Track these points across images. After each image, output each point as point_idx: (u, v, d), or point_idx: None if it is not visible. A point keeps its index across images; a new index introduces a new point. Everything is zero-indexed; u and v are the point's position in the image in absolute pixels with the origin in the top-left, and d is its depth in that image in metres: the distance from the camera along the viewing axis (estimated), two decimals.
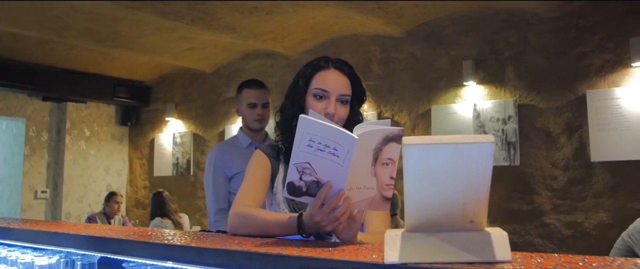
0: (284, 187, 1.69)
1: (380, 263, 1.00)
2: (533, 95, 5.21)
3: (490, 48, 5.48)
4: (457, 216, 1.01)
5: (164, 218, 5.75)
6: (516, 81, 5.32)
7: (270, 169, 1.76)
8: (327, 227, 1.32)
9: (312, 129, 1.20)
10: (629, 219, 4.09)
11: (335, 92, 1.68)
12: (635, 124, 4.64)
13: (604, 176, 4.80)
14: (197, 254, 1.29)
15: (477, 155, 0.92)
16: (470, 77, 5.47)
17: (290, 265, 1.12)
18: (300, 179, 1.26)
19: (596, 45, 4.90)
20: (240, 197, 1.65)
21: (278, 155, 1.78)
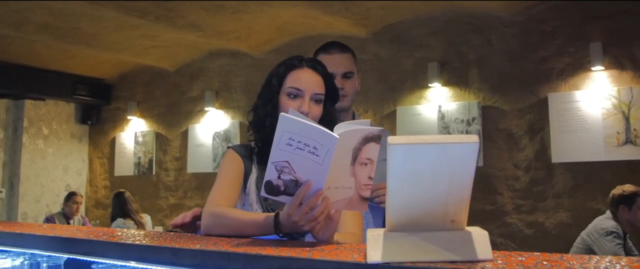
0: (262, 186, 1.68)
1: (362, 263, 0.99)
2: (496, 97, 5.31)
3: (455, 50, 5.55)
4: (438, 216, 1.01)
5: (126, 218, 5.64)
6: (480, 83, 5.40)
7: (243, 168, 1.74)
8: (305, 227, 1.31)
9: (292, 127, 1.19)
10: (588, 219, 4.21)
11: (309, 91, 1.67)
12: (595, 126, 4.77)
13: (564, 176, 4.92)
14: (172, 255, 1.26)
15: (462, 155, 0.93)
16: (435, 78, 5.54)
17: (270, 265, 1.10)
18: (278, 178, 1.25)
19: (557, 50, 5.02)
20: (214, 197, 1.63)
21: (251, 155, 1.76)
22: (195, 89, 7.35)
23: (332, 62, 2.14)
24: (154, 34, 6.10)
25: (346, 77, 2.24)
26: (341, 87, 2.13)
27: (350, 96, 2.26)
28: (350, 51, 2.32)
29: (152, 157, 7.63)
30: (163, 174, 7.54)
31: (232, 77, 7.01)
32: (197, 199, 7.14)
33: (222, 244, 1.27)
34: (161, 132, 7.66)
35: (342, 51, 2.27)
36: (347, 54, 2.29)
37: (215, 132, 7.04)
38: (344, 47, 2.31)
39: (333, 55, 2.23)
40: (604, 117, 4.75)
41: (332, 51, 2.26)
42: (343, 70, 2.22)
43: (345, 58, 2.26)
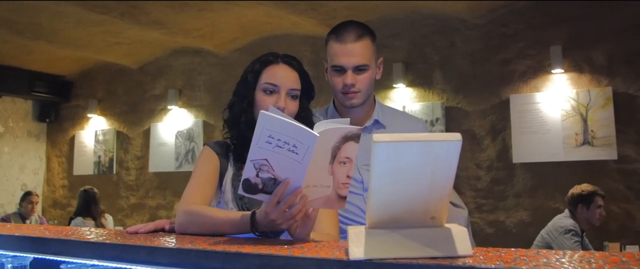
0: (239, 184, 1.66)
1: (344, 260, 0.99)
2: (460, 98, 5.39)
3: (419, 52, 5.62)
4: (419, 213, 1.02)
5: (87, 217, 5.48)
6: (444, 84, 5.48)
7: (219, 166, 1.72)
8: (282, 225, 1.30)
9: (272, 125, 1.18)
10: (547, 217, 4.32)
11: (285, 86, 1.67)
12: (554, 127, 4.90)
13: (524, 176, 5.03)
14: (148, 254, 1.24)
15: (445, 153, 0.94)
16: (399, 79, 5.59)
17: (249, 263, 1.10)
18: (256, 176, 1.23)
19: (519, 52, 5.13)
20: (188, 195, 1.61)
21: (227, 153, 1.74)
22: (158, 87, 7.25)
23: (343, 52, 1.85)
24: (116, 30, 5.98)
25: (359, 71, 1.88)
26: (351, 83, 1.86)
27: (364, 91, 1.91)
28: (368, 35, 1.90)
29: (112, 156, 7.49)
30: (124, 174, 7.41)
31: (196, 76, 6.94)
32: (159, 199, 7.05)
33: (198, 243, 1.25)
34: (122, 131, 7.52)
35: (357, 38, 1.86)
36: (364, 40, 1.88)
37: (178, 131, 6.96)
38: (361, 31, 1.89)
39: (346, 45, 1.85)
40: (563, 118, 4.88)
41: (346, 39, 1.86)
42: (355, 63, 1.86)
43: (360, 46, 1.86)
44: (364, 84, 1.89)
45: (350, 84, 1.87)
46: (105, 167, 7.53)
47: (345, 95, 1.90)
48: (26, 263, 1.57)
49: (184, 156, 6.88)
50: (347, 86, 1.87)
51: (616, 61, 4.78)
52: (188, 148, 6.85)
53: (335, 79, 1.91)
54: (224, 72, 6.64)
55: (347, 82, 1.86)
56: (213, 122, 6.73)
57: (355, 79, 1.87)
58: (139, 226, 1.56)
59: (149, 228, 1.56)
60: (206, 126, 6.79)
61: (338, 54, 1.87)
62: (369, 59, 1.89)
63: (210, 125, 6.77)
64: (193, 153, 6.81)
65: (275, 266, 1.07)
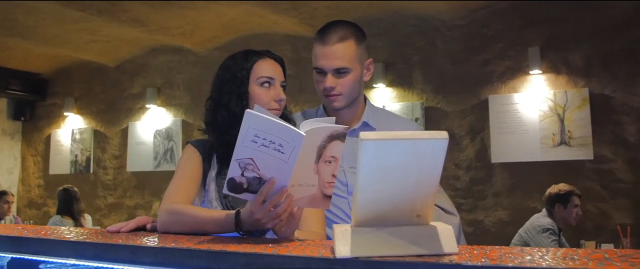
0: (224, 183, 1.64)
1: (330, 258, 0.99)
2: (439, 98, 5.43)
3: (400, 52, 5.65)
4: (405, 211, 1.02)
5: (65, 216, 5.40)
6: (424, 84, 5.52)
7: (202, 165, 1.70)
8: (267, 224, 1.30)
9: (258, 124, 1.17)
10: (525, 217, 4.37)
11: (279, 78, 1.69)
12: (532, 127, 4.96)
13: (503, 176, 5.08)
14: (131, 253, 1.22)
15: (431, 151, 0.94)
16: (379, 79, 5.61)
17: (235, 262, 1.09)
18: (241, 175, 1.23)
19: (498, 53, 5.18)
20: (171, 194, 1.59)
21: (210, 151, 1.72)
22: (136, 85, 7.17)
23: (323, 54, 1.81)
24: (94, 28, 5.91)
25: (340, 74, 1.82)
26: (331, 87, 1.81)
27: (347, 94, 1.85)
28: (353, 37, 1.84)
29: (89, 155, 7.39)
30: (101, 173, 7.33)
31: (175, 74, 6.88)
32: (137, 199, 6.98)
33: (182, 242, 1.24)
34: (100, 130, 7.43)
35: (339, 40, 1.81)
36: (346, 42, 1.82)
37: (157, 130, 6.90)
38: (344, 33, 1.83)
39: (326, 47, 1.81)
40: (541, 119, 4.94)
41: (328, 41, 1.81)
42: (335, 66, 1.81)
43: (341, 48, 1.81)
44: (345, 87, 1.83)
45: (330, 87, 1.82)
46: (82, 166, 7.43)
47: (326, 98, 1.86)
48: (3, 263, 1.55)
49: (162, 156, 6.82)
50: (326, 89, 1.83)
51: (592, 63, 4.86)
52: (167, 147, 6.79)
53: (318, 82, 1.87)
54: (204, 71, 6.60)
55: (326, 86, 1.82)
56: (192, 121, 6.68)
57: (336, 82, 1.82)
58: (121, 224, 1.54)
59: (131, 226, 1.54)
60: (185, 125, 6.74)
61: (319, 56, 1.83)
62: (350, 61, 1.83)
63: (189, 124, 6.72)
64: (172, 152, 6.75)
65: (260, 265, 1.06)
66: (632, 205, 4.59)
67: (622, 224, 4.26)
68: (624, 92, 4.75)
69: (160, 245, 1.21)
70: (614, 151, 4.74)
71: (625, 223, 4.37)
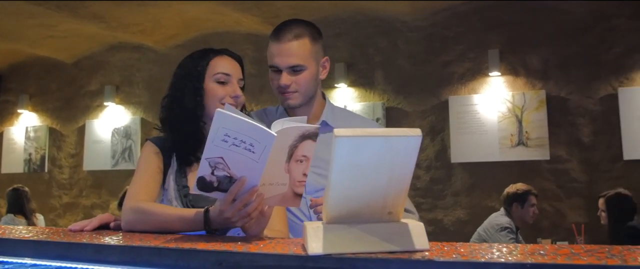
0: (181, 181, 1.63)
1: (303, 255, 0.99)
2: (400, 99, 5.49)
3: (362, 52, 5.68)
4: (377, 208, 1.03)
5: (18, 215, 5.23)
6: (385, 84, 5.56)
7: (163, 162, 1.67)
8: (237, 223, 1.29)
9: (228, 123, 1.16)
10: (483, 215, 4.46)
11: (236, 76, 1.67)
12: (491, 128, 5.06)
13: (462, 176, 5.17)
14: (95, 252, 1.19)
15: (405, 148, 0.95)
16: (341, 79, 5.64)
17: (204, 260, 1.08)
18: (212, 174, 1.22)
19: (458, 55, 5.27)
20: (134, 192, 1.56)
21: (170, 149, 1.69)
22: (94, 83, 7.02)
23: (278, 52, 1.80)
24: (52, 23, 5.75)
25: (295, 71, 1.82)
26: (286, 84, 1.81)
27: (303, 92, 1.85)
28: (308, 35, 1.84)
29: (44, 154, 7.20)
30: (56, 172, 7.14)
31: (135, 72, 6.76)
32: (94, 198, 6.83)
33: (149, 240, 1.22)
34: (55, 128, 7.24)
35: (294, 37, 1.81)
36: (301, 39, 1.82)
37: (115, 128, 6.77)
38: (299, 30, 1.83)
39: (281, 45, 1.80)
40: (500, 120, 5.05)
41: (283, 38, 1.80)
42: (290, 63, 1.80)
43: (296, 46, 1.80)
44: (301, 85, 1.83)
45: (285, 85, 1.81)
46: (37, 165, 7.23)
47: (282, 95, 1.86)
48: None
49: (120, 154, 6.69)
50: (281, 86, 1.82)
51: (550, 65, 4.99)
52: (125, 146, 6.66)
53: (273, 79, 1.86)
54: (164, 69, 6.50)
55: (281, 83, 1.81)
56: (151, 120, 6.58)
57: (291, 80, 1.82)
58: (83, 222, 1.50)
59: (94, 224, 1.51)
60: (144, 124, 6.63)
61: (274, 54, 1.82)
62: (305, 59, 1.82)
63: (148, 122, 6.61)
64: (130, 151, 6.63)
65: (231, 263, 1.05)
66: (586, 204, 4.73)
67: (577, 222, 4.39)
68: (580, 94, 4.89)
69: (126, 243, 1.19)
70: (569, 152, 4.88)
71: (579, 221, 4.50)
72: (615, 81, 4.82)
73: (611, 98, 4.80)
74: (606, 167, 4.79)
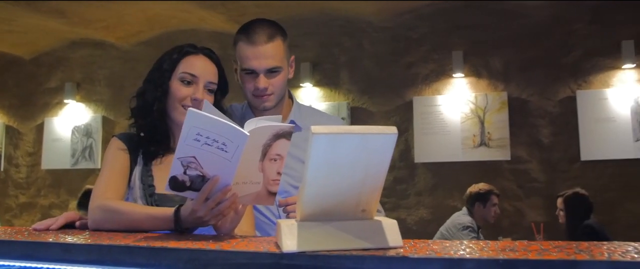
0: (149, 179, 1.60)
1: (277, 253, 0.99)
2: (365, 99, 5.52)
3: (327, 52, 5.70)
4: (351, 205, 1.04)
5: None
6: (350, 84, 5.59)
7: (129, 160, 1.64)
8: (210, 221, 1.28)
9: (200, 123, 1.15)
10: (446, 215, 4.52)
11: (204, 78, 1.63)
12: (453, 129, 5.13)
13: (425, 176, 5.23)
14: (63, 251, 1.17)
15: (380, 146, 0.96)
16: (307, 78, 5.64)
17: (177, 259, 1.06)
18: (184, 173, 1.21)
19: (423, 56, 5.34)
20: (101, 190, 1.52)
21: (136, 146, 1.66)
22: (53, 79, 6.85)
23: (254, 55, 1.75)
24: (10, 17, 5.59)
25: (272, 73, 1.80)
26: (264, 88, 1.78)
27: (278, 94, 1.84)
28: (280, 35, 1.81)
29: (0, 152, 6.98)
30: (13, 171, 6.94)
31: (96, 69, 6.63)
32: (52, 198, 6.67)
33: (118, 239, 1.20)
34: (12, 125, 7.03)
35: (268, 39, 1.76)
36: (275, 41, 1.78)
37: (75, 126, 6.61)
38: (271, 31, 1.79)
39: (257, 47, 1.75)
40: (462, 120, 5.13)
41: (257, 41, 1.75)
42: (267, 66, 1.77)
43: (272, 48, 1.77)
44: (277, 87, 1.82)
45: (263, 88, 1.78)
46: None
47: (257, 98, 1.82)
48: None
49: (80, 153, 6.54)
50: (259, 90, 1.78)
51: (511, 68, 5.10)
52: (85, 144, 6.52)
53: (247, 83, 1.82)
54: (126, 67, 6.40)
55: (260, 87, 1.77)
56: (113, 118, 6.46)
57: (268, 82, 1.79)
58: (48, 221, 1.47)
59: (60, 223, 1.47)
60: (106, 122, 6.50)
61: (249, 57, 1.77)
62: (281, 60, 1.81)
63: (110, 121, 6.49)
64: (91, 150, 6.50)
65: (204, 261, 1.04)
66: (545, 203, 4.85)
67: (536, 221, 4.49)
68: (540, 96, 5.01)
69: (95, 242, 1.17)
70: (529, 152, 4.99)
71: (538, 220, 4.61)
72: (573, 84, 4.96)
73: (570, 100, 4.93)
74: (564, 168, 4.91)
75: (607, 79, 4.90)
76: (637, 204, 4.69)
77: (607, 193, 4.71)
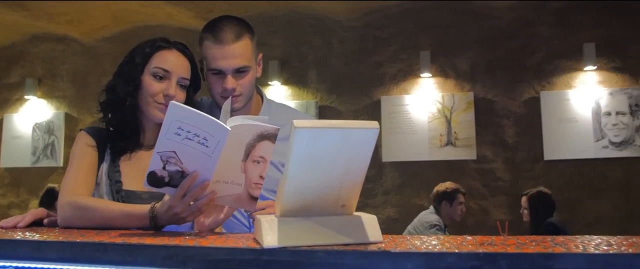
0: (114, 176, 1.55)
1: (257, 248, 0.98)
2: (333, 97, 5.53)
3: (296, 50, 5.69)
4: (331, 201, 1.03)
5: None
6: (318, 83, 5.59)
7: (97, 155, 1.60)
8: (188, 218, 1.26)
9: (181, 116, 1.13)
10: (413, 213, 4.56)
11: (177, 74, 1.59)
12: (421, 128, 5.19)
13: (392, 175, 5.27)
14: (34, 249, 1.13)
15: (361, 141, 0.96)
16: (275, 77, 5.62)
17: (153, 255, 1.04)
18: (163, 168, 1.18)
19: (391, 56, 5.37)
20: (70, 186, 1.48)
21: (104, 141, 1.61)
22: (13, 75, 6.66)
23: (222, 54, 1.70)
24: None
25: (240, 73, 1.74)
26: (232, 88, 1.72)
27: (246, 94, 1.79)
28: (247, 33, 1.77)
29: None
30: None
31: (59, 64, 6.47)
32: (11, 197, 6.49)
33: (91, 236, 1.17)
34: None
35: (236, 38, 1.72)
36: (243, 39, 1.74)
37: (36, 123, 6.45)
38: (239, 29, 1.75)
39: (224, 47, 1.70)
40: (430, 120, 5.18)
41: (224, 40, 1.70)
42: (235, 65, 1.72)
43: (240, 47, 1.72)
44: (245, 87, 1.77)
45: (231, 89, 1.72)
46: None
47: (225, 99, 1.71)
48: None
49: (42, 151, 6.38)
50: (227, 90, 1.72)
51: (477, 69, 5.18)
52: (47, 142, 6.36)
53: (215, 84, 1.76)
54: (90, 62, 6.27)
55: (228, 87, 1.72)
56: (76, 115, 6.32)
57: (236, 83, 1.73)
58: (16, 218, 1.42)
59: (28, 220, 1.43)
60: (69, 119, 6.36)
61: (216, 57, 1.71)
62: (249, 59, 1.76)
63: (73, 118, 6.35)
64: (53, 147, 6.34)
65: (182, 257, 1.02)
66: (509, 202, 4.94)
67: (501, 219, 4.57)
68: (505, 97, 5.10)
69: (68, 239, 1.14)
70: (494, 152, 5.08)
71: (503, 218, 4.69)
72: (537, 85, 5.06)
73: (534, 101, 5.03)
74: (528, 167, 5.01)
75: (570, 80, 5.01)
76: (596, 202, 4.82)
77: (569, 192, 4.82)
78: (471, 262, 0.89)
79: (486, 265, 0.89)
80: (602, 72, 4.95)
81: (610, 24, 4.93)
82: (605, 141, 4.82)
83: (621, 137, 4.79)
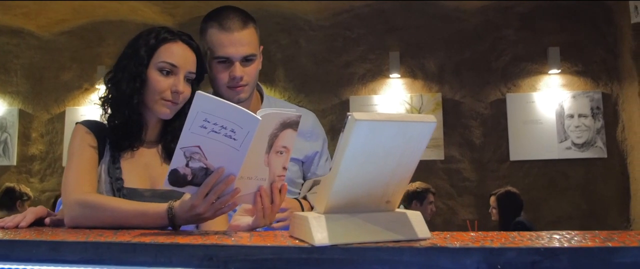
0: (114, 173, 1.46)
1: (307, 246, 0.93)
2: (301, 97, 5.49)
3: (263, 49, 5.60)
4: (377, 196, 1.00)
5: None
6: (286, 82, 5.54)
7: (97, 150, 1.51)
8: (209, 217, 1.19)
9: (209, 107, 1.06)
10: None
11: (184, 68, 1.50)
12: None
13: None
14: (51, 250, 1.05)
15: (418, 134, 0.93)
16: None
17: (190, 255, 0.97)
18: (186, 165, 1.10)
19: (360, 56, 5.38)
20: (75, 183, 1.37)
21: (104, 136, 1.52)
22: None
23: (230, 42, 1.67)
24: None
25: (247, 62, 1.72)
26: (240, 76, 1.68)
27: (252, 84, 1.76)
28: (252, 22, 1.76)
29: None
30: None
31: (13, 59, 6.20)
32: None
33: (108, 235, 1.09)
34: None
35: (243, 25, 1.71)
36: (249, 27, 1.73)
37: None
38: (245, 17, 1.74)
39: (232, 34, 1.67)
40: None
41: (232, 27, 1.68)
42: (243, 53, 1.69)
43: (247, 35, 1.70)
44: (251, 76, 1.73)
45: (239, 77, 1.68)
46: None
47: (232, 89, 1.72)
48: None
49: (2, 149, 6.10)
50: (235, 79, 1.68)
51: (445, 70, 5.24)
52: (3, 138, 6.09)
53: (220, 73, 1.71)
54: (47, 57, 6.03)
55: (236, 75, 1.67)
56: (31, 112, 6.07)
57: (243, 71, 1.70)
58: (17, 218, 1.33)
59: (29, 219, 1.34)
60: (23, 115, 6.09)
61: (224, 44, 1.67)
62: (255, 47, 1.74)
63: (27, 114, 6.09)
64: (5, 145, 6.06)
65: (223, 257, 0.96)
66: (476, 202, 5.02)
67: (469, 219, 4.64)
68: (472, 98, 5.18)
69: (89, 239, 1.06)
70: (461, 152, 5.14)
71: (470, 218, 4.76)
72: (503, 87, 5.16)
73: (500, 103, 5.13)
74: (494, 167, 5.10)
75: (534, 83, 5.13)
76: (559, 201, 4.95)
77: (533, 192, 4.93)
78: (532, 257, 0.88)
79: (546, 260, 0.88)
80: (565, 75, 5.08)
81: (574, 29, 5.08)
82: (568, 142, 4.96)
83: (583, 139, 4.93)
